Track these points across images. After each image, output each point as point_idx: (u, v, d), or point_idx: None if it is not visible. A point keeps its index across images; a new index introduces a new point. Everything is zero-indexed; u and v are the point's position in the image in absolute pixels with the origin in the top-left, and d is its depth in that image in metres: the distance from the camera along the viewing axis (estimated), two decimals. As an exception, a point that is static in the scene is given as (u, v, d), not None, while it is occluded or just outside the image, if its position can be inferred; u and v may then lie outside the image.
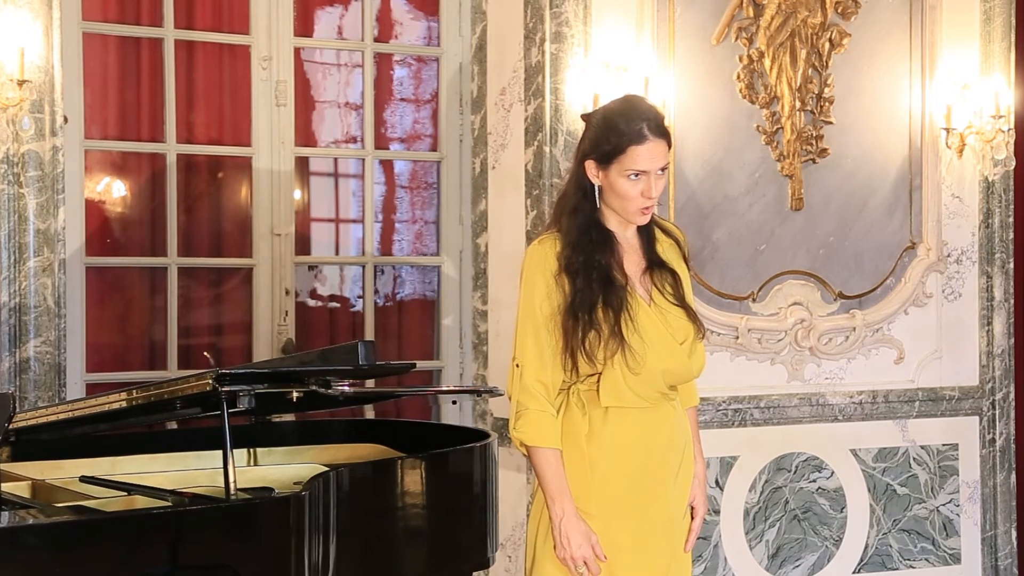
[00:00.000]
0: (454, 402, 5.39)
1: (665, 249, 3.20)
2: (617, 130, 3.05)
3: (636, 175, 3.04)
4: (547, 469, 3.06)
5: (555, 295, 3.06)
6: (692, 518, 3.22)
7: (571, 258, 3.06)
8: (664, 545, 3.14)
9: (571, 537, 3.04)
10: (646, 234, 3.18)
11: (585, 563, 3.04)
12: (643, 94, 4.88)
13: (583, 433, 3.09)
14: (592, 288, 3.04)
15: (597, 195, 3.10)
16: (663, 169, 3.08)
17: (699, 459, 3.26)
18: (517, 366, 3.10)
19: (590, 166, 3.09)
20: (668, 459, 3.14)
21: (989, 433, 5.74)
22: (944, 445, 5.66)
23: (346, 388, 3.70)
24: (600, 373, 3.06)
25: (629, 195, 3.06)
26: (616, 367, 3.04)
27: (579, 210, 3.10)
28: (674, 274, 3.16)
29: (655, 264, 3.16)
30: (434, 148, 5.58)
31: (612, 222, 3.14)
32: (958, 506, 5.68)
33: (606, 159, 3.06)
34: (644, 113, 3.09)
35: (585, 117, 3.20)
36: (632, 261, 3.15)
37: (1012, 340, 5.79)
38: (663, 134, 3.07)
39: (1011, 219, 5.76)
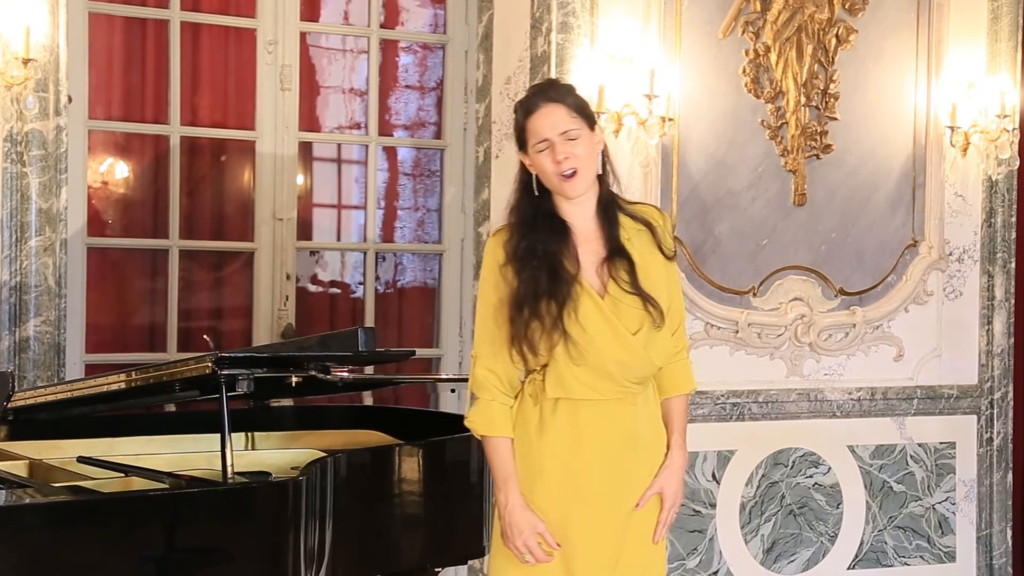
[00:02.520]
0: (452, 390, 5.38)
1: (632, 236, 3.12)
2: (517, 111, 3.10)
3: (543, 146, 3.04)
4: (495, 457, 3.08)
5: (501, 286, 3.06)
6: (662, 509, 3.15)
7: (515, 248, 3.06)
8: (612, 537, 3.09)
9: (515, 525, 3.04)
10: (608, 221, 3.12)
11: (530, 550, 3.03)
12: (648, 87, 4.89)
13: (533, 423, 3.08)
14: (538, 279, 3.02)
15: (535, 184, 3.10)
16: (569, 136, 3.04)
17: (676, 449, 3.17)
18: (473, 356, 3.13)
19: (523, 159, 3.11)
20: (622, 452, 3.08)
21: (987, 432, 5.74)
22: (941, 443, 5.67)
23: (345, 374, 3.72)
24: (547, 365, 3.05)
25: (546, 169, 3.05)
26: (559, 359, 3.03)
27: (521, 202, 3.11)
28: (632, 261, 3.08)
29: (615, 252, 3.09)
30: (438, 136, 5.58)
31: (564, 211, 3.10)
32: (954, 504, 5.69)
33: (523, 144, 3.09)
34: (537, 86, 3.17)
35: None
36: (590, 250, 3.10)
37: (1012, 340, 5.79)
38: (556, 99, 3.06)
39: (1014, 219, 5.75)
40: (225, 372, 3.15)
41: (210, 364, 3.14)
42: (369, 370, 4.69)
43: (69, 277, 4.74)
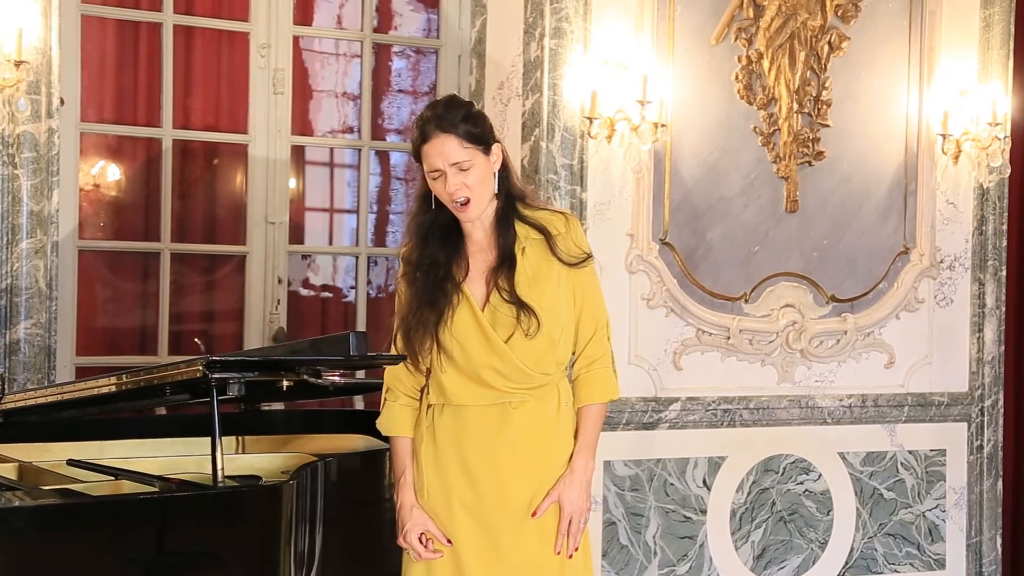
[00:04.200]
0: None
1: (527, 244, 3.14)
2: (414, 131, 3.13)
3: (436, 175, 3.08)
4: (394, 456, 3.23)
5: (402, 295, 3.18)
6: (561, 518, 3.13)
7: (408, 259, 3.17)
8: (502, 539, 3.10)
9: (403, 523, 3.16)
10: (505, 229, 3.15)
11: (413, 548, 3.12)
12: (641, 92, 4.90)
13: (424, 426, 3.19)
14: (423, 289, 3.12)
15: (433, 198, 3.14)
16: (461, 167, 3.05)
17: (579, 459, 3.15)
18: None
19: (421, 170, 3.15)
20: (505, 457, 3.10)
21: (977, 440, 5.75)
22: (932, 451, 5.67)
23: (336, 378, 3.71)
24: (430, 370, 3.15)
25: (440, 193, 3.10)
26: (435, 366, 3.12)
27: (417, 214, 3.19)
28: (512, 269, 3.10)
29: (503, 261, 3.13)
30: (431, 140, 5.57)
31: (466, 223, 3.16)
32: (944, 512, 5.69)
33: (419, 163, 3.13)
34: (431, 109, 3.12)
35: None
36: (482, 260, 3.15)
37: (1002, 348, 5.80)
38: (448, 129, 3.05)
39: (1004, 227, 5.77)
40: (216, 376, 3.14)
41: (201, 367, 3.13)
42: (360, 374, 4.68)
43: (60, 280, 4.74)
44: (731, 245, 5.28)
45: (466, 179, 3.06)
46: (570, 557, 3.15)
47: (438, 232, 3.15)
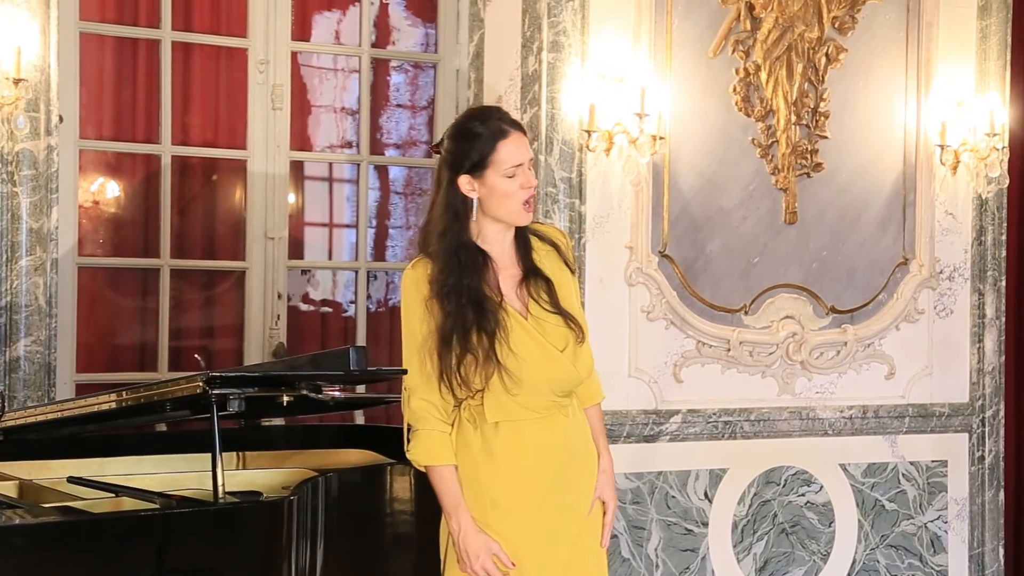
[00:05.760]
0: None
1: (542, 257, 3.20)
2: (480, 136, 3.10)
3: (514, 171, 3.09)
4: (442, 486, 3.11)
5: (429, 320, 3.09)
6: (604, 513, 3.24)
7: (442, 282, 3.08)
8: (565, 545, 3.15)
9: (470, 550, 3.07)
10: (522, 244, 3.19)
11: (488, 573, 3.07)
12: (639, 105, 4.91)
13: (476, 447, 3.11)
14: (464, 313, 3.06)
15: (476, 209, 3.11)
16: (530, 165, 3.14)
17: (604, 455, 3.26)
18: (405, 389, 3.14)
19: (464, 182, 3.10)
20: (563, 465, 3.15)
21: (978, 450, 5.75)
22: (933, 461, 5.67)
23: (336, 393, 3.70)
24: (484, 390, 3.08)
25: (510, 192, 3.09)
26: (496, 387, 3.08)
27: (448, 232, 3.11)
28: (549, 281, 3.16)
29: (531, 273, 3.17)
30: (429, 155, 5.58)
31: (486, 239, 3.14)
32: (946, 523, 5.69)
33: (479, 167, 3.09)
34: (495, 112, 3.18)
35: (435, 147, 3.23)
36: (508, 276, 3.16)
37: (1003, 358, 5.80)
38: (519, 128, 3.14)
39: (1004, 237, 5.77)
40: (216, 391, 3.14)
41: (201, 383, 3.13)
42: (360, 389, 4.68)
43: (60, 297, 4.74)
44: (730, 257, 5.28)
45: (533, 177, 3.15)
46: (603, 547, 3.25)
47: (466, 253, 3.11)
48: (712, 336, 5.25)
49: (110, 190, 5.20)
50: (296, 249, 5.40)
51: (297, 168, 5.43)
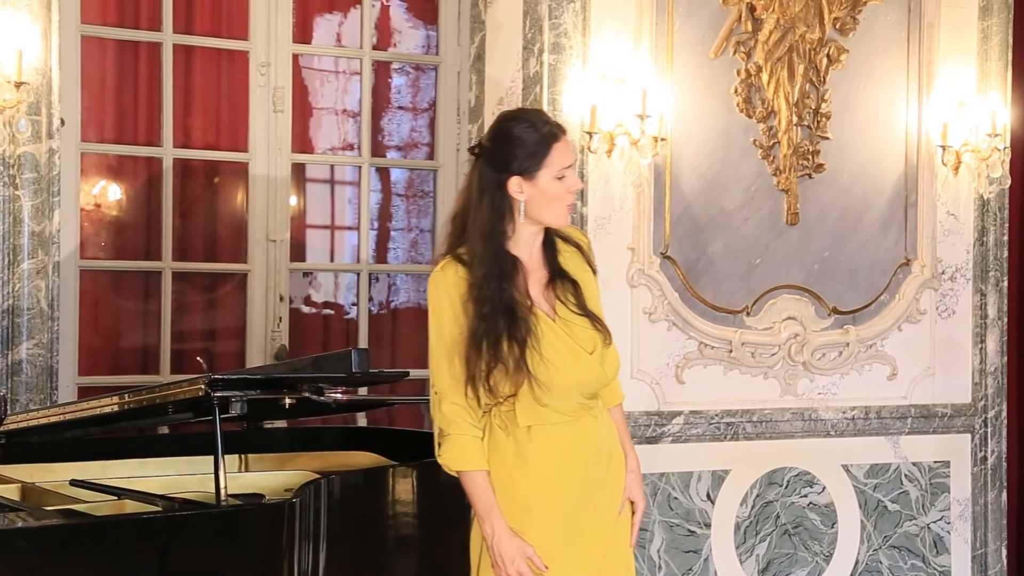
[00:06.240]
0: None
1: (567, 258, 3.20)
2: (532, 138, 3.09)
3: (565, 172, 3.10)
4: (474, 490, 3.09)
5: (461, 321, 3.07)
6: (633, 512, 3.25)
7: (480, 287, 3.06)
8: (597, 546, 3.16)
9: (505, 554, 3.07)
10: (548, 246, 3.19)
11: None
12: (641, 107, 4.91)
13: (508, 452, 3.10)
14: (496, 320, 3.04)
15: (522, 211, 3.10)
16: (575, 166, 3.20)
17: (631, 454, 3.27)
18: (435, 393, 3.11)
19: (514, 184, 3.08)
20: (594, 466, 3.15)
21: (981, 451, 5.74)
22: (936, 462, 5.66)
23: (339, 395, 3.71)
24: (515, 395, 3.07)
25: (559, 195, 3.10)
26: (526, 394, 3.06)
27: (494, 235, 3.09)
28: (575, 283, 3.17)
29: (557, 275, 3.17)
30: (431, 157, 5.58)
31: (519, 241, 3.13)
32: (949, 523, 5.68)
33: (532, 170, 3.08)
34: (541, 114, 3.20)
35: (475, 149, 3.17)
36: (536, 278, 3.16)
37: (1005, 358, 5.80)
38: (564, 130, 3.17)
39: (1005, 237, 5.77)
40: (218, 394, 3.15)
41: (203, 386, 3.14)
42: (363, 391, 4.68)
43: (62, 300, 4.73)
44: (732, 258, 5.28)
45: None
46: (633, 548, 3.27)
47: (503, 260, 3.09)
48: (714, 337, 5.25)
49: (112, 193, 5.20)
50: (298, 251, 5.40)
51: (298, 170, 5.43)
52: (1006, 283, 5.77)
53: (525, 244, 3.14)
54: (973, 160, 5.58)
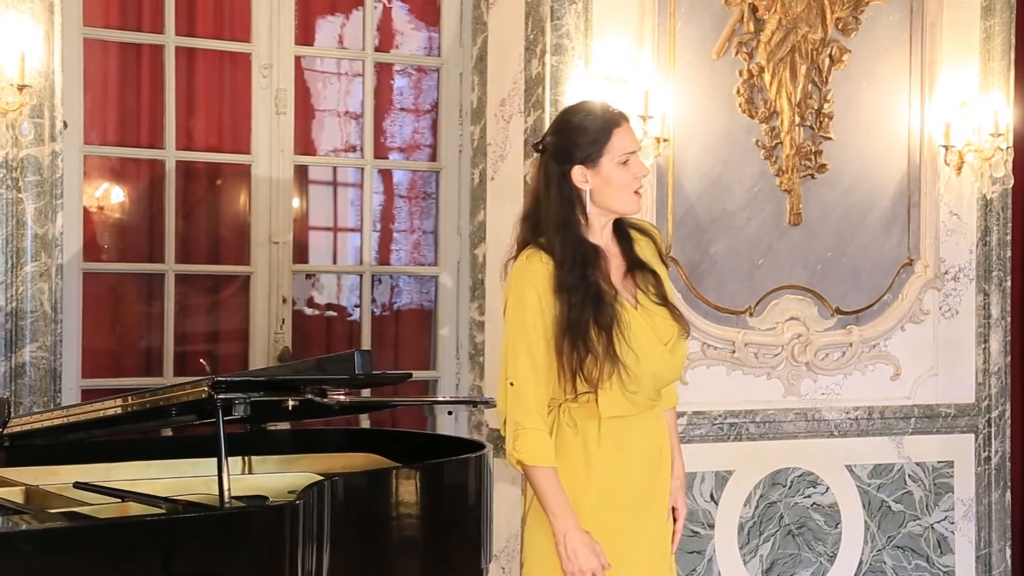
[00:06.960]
0: (450, 412, 5.38)
1: (643, 248, 3.20)
2: (592, 126, 3.09)
3: (627, 158, 3.08)
4: (548, 487, 3.06)
5: (548, 313, 3.04)
6: (675, 519, 3.26)
7: (566, 277, 3.04)
8: (660, 547, 3.18)
9: (578, 551, 3.04)
10: (623, 236, 3.18)
11: (594, 574, 3.06)
12: (643, 107, 4.91)
13: (578, 449, 3.10)
14: (584, 309, 3.02)
15: (588, 200, 3.09)
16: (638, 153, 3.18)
17: (678, 460, 3.28)
18: (511, 384, 3.08)
19: (577, 173, 3.08)
20: (656, 462, 3.17)
21: (985, 451, 5.74)
22: (939, 462, 5.66)
23: (342, 397, 3.70)
24: (598, 386, 3.05)
25: (624, 181, 3.08)
26: (613, 384, 3.04)
27: (569, 224, 3.08)
28: (655, 274, 3.16)
29: (636, 265, 3.15)
30: (433, 158, 5.58)
31: (592, 230, 3.12)
32: (953, 523, 5.68)
33: (594, 157, 3.07)
34: (601, 103, 3.19)
35: (537, 144, 3.17)
36: (614, 267, 3.14)
37: (1008, 358, 5.80)
38: (627, 117, 3.17)
39: (1009, 237, 5.76)
40: (221, 396, 3.14)
41: (206, 388, 3.13)
42: (366, 393, 4.68)
43: (65, 302, 4.74)
44: (735, 258, 5.28)
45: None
46: (673, 553, 3.27)
47: (585, 248, 3.08)
48: (717, 338, 5.25)
49: (115, 195, 5.21)
50: (300, 253, 5.40)
51: (301, 172, 5.43)
52: (1009, 283, 5.77)
53: (598, 233, 3.13)
54: (976, 160, 5.58)
